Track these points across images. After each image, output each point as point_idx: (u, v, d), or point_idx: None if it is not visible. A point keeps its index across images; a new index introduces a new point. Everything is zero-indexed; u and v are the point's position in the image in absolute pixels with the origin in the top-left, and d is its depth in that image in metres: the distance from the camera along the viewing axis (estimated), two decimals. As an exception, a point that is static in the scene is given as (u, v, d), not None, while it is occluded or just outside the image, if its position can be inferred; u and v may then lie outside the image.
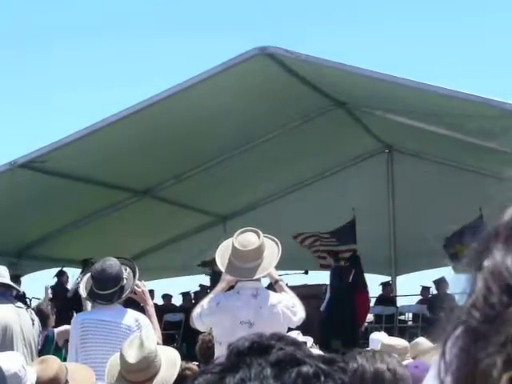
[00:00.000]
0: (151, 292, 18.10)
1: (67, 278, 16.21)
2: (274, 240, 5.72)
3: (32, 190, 13.59)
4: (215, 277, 15.55)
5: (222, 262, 5.53)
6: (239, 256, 5.44)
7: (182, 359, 4.93)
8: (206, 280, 17.80)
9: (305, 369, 1.28)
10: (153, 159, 14.20)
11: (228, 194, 17.39)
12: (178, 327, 16.09)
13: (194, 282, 18.74)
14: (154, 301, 17.84)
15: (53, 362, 4.47)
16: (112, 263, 6.03)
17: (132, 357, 4.38)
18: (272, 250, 5.60)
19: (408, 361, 5.77)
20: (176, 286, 20.14)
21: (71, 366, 4.81)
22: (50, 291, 14.43)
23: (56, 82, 45.53)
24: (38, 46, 43.04)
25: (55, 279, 16.18)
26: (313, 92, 13.60)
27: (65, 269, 16.69)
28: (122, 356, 4.45)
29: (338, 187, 17.67)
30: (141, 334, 4.82)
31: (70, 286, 16.18)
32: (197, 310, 5.61)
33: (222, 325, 5.45)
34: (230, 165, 15.48)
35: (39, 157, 12.66)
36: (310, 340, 7.82)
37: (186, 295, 17.85)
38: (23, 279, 16.47)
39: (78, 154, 12.87)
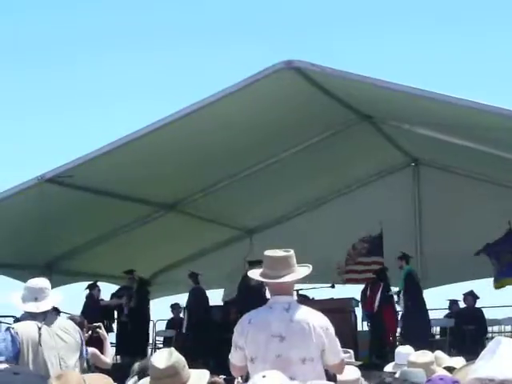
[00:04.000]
0: (177, 305, 18.10)
1: (98, 290, 16.31)
2: (305, 265, 5.68)
3: (60, 205, 13.65)
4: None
5: (255, 275, 5.56)
6: (270, 263, 5.44)
7: (209, 373, 4.93)
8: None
9: None
10: (180, 173, 14.23)
11: (254, 207, 17.40)
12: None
13: (221, 296, 18.70)
14: (181, 314, 17.89)
15: (71, 376, 4.51)
16: None
17: (161, 363, 4.46)
18: (303, 267, 5.59)
19: (434, 373, 5.72)
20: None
21: (90, 376, 4.84)
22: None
23: (83, 96, 45.78)
24: (65, 58, 43.36)
25: (87, 291, 16.28)
26: (338, 105, 13.58)
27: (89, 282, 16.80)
28: (151, 363, 4.52)
29: (365, 201, 17.61)
30: (170, 348, 4.85)
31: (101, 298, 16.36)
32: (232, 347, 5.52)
33: (255, 340, 5.33)
34: (255, 179, 15.49)
35: (66, 171, 12.71)
36: (351, 353, 7.79)
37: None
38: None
39: (105, 168, 12.93)
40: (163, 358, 4.50)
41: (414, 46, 47.37)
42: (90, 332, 8.72)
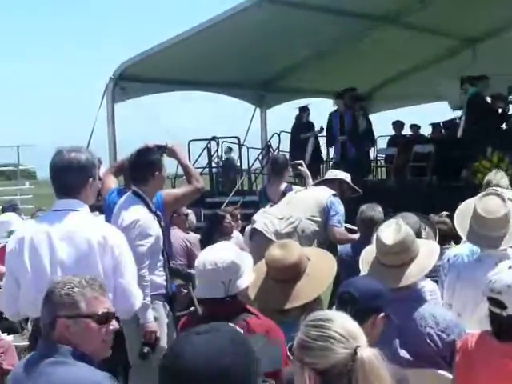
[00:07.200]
0: (401, 123, 17.53)
1: (308, 114, 16.08)
2: None
3: (279, 23, 13.60)
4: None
5: (462, 228, 4.89)
6: (483, 223, 4.77)
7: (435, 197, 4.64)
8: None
9: None
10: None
11: (480, 10, 15.19)
12: (427, 159, 15.44)
13: (440, 111, 18.01)
14: (403, 131, 17.42)
15: (293, 246, 4.36)
16: None
17: (389, 238, 4.20)
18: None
19: None
20: (424, 115, 19.56)
21: (311, 251, 4.70)
22: None
23: None
24: None
25: (297, 111, 16.18)
26: None
27: (310, 100, 16.74)
28: (377, 238, 4.28)
29: None
30: (398, 219, 4.56)
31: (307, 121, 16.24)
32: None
33: (463, 298, 4.73)
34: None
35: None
36: None
37: (435, 126, 17.12)
38: (268, 112, 17.39)
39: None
40: (391, 231, 4.22)
41: None
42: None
